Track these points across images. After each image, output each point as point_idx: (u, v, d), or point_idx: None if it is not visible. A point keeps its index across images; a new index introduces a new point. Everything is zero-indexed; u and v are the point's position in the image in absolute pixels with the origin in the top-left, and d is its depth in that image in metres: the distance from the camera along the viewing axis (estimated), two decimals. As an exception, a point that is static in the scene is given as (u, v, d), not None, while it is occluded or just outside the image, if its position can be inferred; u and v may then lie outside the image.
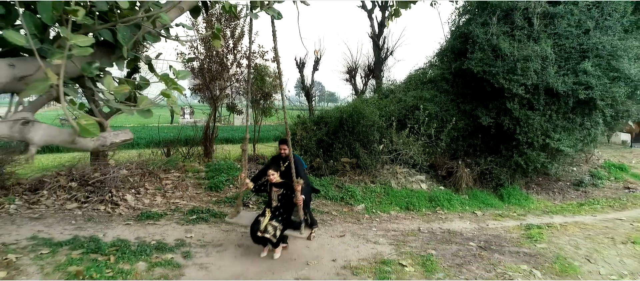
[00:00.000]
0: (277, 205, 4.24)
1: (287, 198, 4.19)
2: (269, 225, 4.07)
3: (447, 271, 4.22)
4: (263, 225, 4.07)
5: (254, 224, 4.15)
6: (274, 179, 4.16)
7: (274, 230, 4.05)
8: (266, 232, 4.03)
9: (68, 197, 5.98)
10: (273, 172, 4.16)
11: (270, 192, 4.29)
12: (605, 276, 4.58)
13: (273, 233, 4.03)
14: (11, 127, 2.32)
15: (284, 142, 4.39)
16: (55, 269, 3.62)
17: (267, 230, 4.04)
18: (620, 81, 7.28)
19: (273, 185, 4.24)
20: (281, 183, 4.20)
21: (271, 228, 4.05)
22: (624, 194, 8.63)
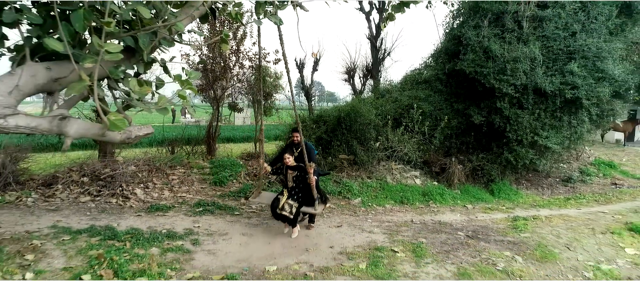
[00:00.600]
0: (293, 186, 4.80)
1: (301, 179, 4.74)
2: (286, 203, 4.66)
3: (435, 256, 4.58)
4: (281, 203, 4.67)
5: (274, 202, 4.75)
6: (289, 162, 4.74)
7: (290, 208, 4.63)
8: (283, 210, 4.62)
9: (81, 191, 6.34)
10: (288, 156, 4.75)
11: (286, 174, 4.84)
12: (583, 262, 4.94)
13: (289, 210, 4.62)
14: (51, 122, 2.73)
15: (295, 130, 5.02)
16: (77, 253, 3.99)
17: (284, 208, 4.63)
18: (604, 81, 7.63)
19: (288, 168, 4.80)
20: (295, 166, 4.76)
21: (288, 206, 4.64)
22: (611, 189, 9.00)
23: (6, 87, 2.60)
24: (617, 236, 5.73)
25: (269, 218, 5.75)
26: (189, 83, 3.07)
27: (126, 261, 3.82)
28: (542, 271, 4.61)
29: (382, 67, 13.64)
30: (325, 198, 4.92)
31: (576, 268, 4.81)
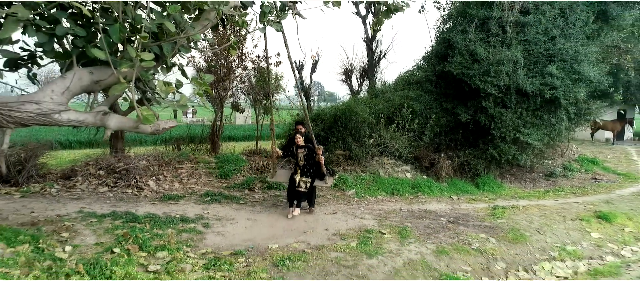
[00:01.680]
0: (304, 164, 5.67)
1: (311, 157, 5.62)
2: (301, 181, 5.56)
3: (418, 237, 5.19)
4: (297, 181, 5.56)
5: (291, 183, 5.64)
6: (299, 142, 5.64)
7: (305, 184, 5.57)
8: (300, 187, 5.52)
9: (99, 182, 6.94)
10: (299, 136, 5.65)
11: (297, 154, 5.68)
12: (550, 244, 5.56)
13: (304, 186, 5.57)
14: (95, 116, 3.36)
15: (300, 122, 6.15)
16: (105, 232, 4.59)
17: (300, 185, 5.54)
18: (580, 82, 8.25)
19: (298, 147, 5.67)
20: (304, 145, 5.65)
21: (303, 183, 5.56)
22: (590, 184, 9.61)
23: (59, 89, 3.23)
24: (585, 223, 6.35)
25: (271, 205, 6.37)
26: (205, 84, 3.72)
27: (148, 238, 4.43)
28: (512, 250, 5.23)
29: (377, 68, 14.25)
30: (333, 171, 5.96)
31: (544, 248, 5.43)
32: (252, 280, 3.83)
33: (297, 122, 6.26)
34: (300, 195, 5.74)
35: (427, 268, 4.45)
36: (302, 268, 4.15)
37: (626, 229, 6.30)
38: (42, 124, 3.28)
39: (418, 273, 4.34)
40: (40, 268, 3.53)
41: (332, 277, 4.04)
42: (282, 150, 6.04)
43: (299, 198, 5.76)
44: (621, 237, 6.02)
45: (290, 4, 4.97)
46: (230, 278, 3.84)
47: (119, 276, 3.52)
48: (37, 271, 3.48)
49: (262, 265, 4.15)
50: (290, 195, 5.81)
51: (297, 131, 5.98)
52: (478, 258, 4.86)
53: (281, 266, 4.13)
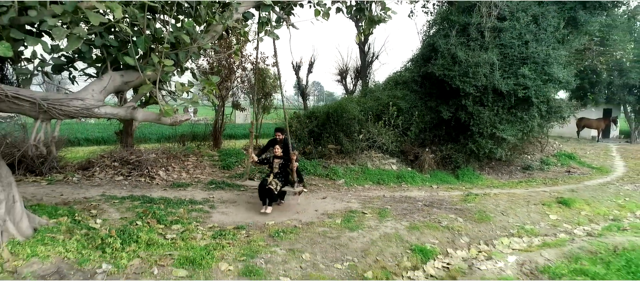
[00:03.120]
0: (277, 171, 6.08)
1: (284, 167, 6.05)
2: (273, 182, 5.92)
3: (395, 217, 6.01)
4: (269, 181, 5.93)
5: (263, 182, 6.00)
6: (277, 152, 6.10)
7: (276, 184, 5.91)
8: (271, 185, 5.87)
9: (115, 172, 7.75)
10: (278, 147, 6.10)
11: (273, 162, 6.14)
12: (512, 224, 6.39)
13: (275, 186, 5.88)
14: (126, 110, 4.19)
15: (280, 130, 6.35)
16: (127, 210, 5.40)
17: (271, 184, 5.88)
18: (550, 83, 9.06)
19: (275, 157, 6.12)
20: (281, 156, 6.08)
21: (274, 183, 5.90)
22: (563, 176, 10.43)
23: (98, 88, 4.06)
24: (547, 207, 7.17)
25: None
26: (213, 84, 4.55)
27: (164, 214, 5.24)
28: (477, 228, 6.05)
29: (370, 69, 15.06)
30: (302, 180, 6.24)
31: (505, 227, 6.26)
32: (251, 246, 4.64)
33: (276, 129, 6.53)
34: (272, 194, 5.86)
35: (400, 240, 5.27)
36: (293, 238, 4.97)
37: (582, 212, 7.13)
38: (85, 116, 4.11)
39: (391, 243, 5.16)
40: (79, 234, 4.36)
41: (318, 245, 4.86)
42: (258, 156, 6.31)
43: (270, 196, 5.89)
44: (577, 219, 6.85)
45: (284, 17, 5.80)
46: (234, 245, 4.65)
47: (144, 241, 4.34)
48: (77, 236, 4.30)
49: (260, 236, 4.97)
50: (262, 194, 5.93)
51: (276, 138, 6.36)
52: (445, 233, 5.68)
53: (276, 237, 4.95)
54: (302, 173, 6.56)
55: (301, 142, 9.50)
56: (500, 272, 4.49)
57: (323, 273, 4.31)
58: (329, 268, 4.45)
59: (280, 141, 6.29)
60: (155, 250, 4.25)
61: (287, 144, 5.91)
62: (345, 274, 4.40)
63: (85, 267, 3.75)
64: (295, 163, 5.85)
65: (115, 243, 4.17)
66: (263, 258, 4.38)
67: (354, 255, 4.76)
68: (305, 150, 9.48)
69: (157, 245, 4.35)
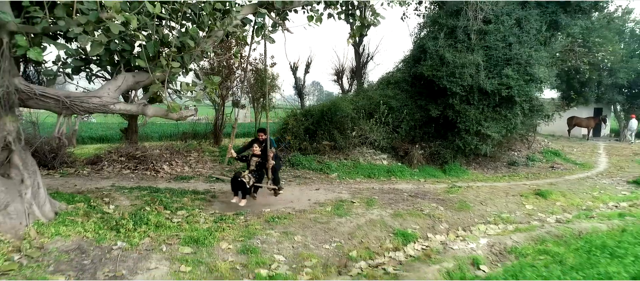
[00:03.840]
0: (253, 169, 6.22)
1: (261, 165, 6.21)
2: (247, 175, 6.04)
3: (381, 205, 6.54)
4: (243, 174, 6.04)
5: (236, 174, 6.14)
6: (256, 151, 6.22)
7: (249, 178, 6.01)
8: (244, 178, 5.97)
9: (122, 166, 8.28)
10: (257, 146, 6.25)
11: (250, 159, 6.27)
12: (489, 212, 6.92)
13: (248, 180, 5.98)
14: (137, 107, 4.74)
15: (262, 130, 6.46)
16: (136, 198, 5.94)
17: (245, 177, 5.99)
18: (532, 83, 9.60)
19: (253, 155, 6.25)
20: (260, 154, 6.22)
21: (247, 177, 6.01)
22: (546, 171, 10.96)
23: (113, 87, 4.60)
24: (524, 198, 7.71)
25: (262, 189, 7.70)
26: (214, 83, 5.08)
27: (170, 202, 5.78)
28: (456, 216, 6.59)
29: (365, 69, 15.59)
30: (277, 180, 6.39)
31: (483, 215, 6.80)
32: (249, 229, 5.17)
33: (259, 129, 6.66)
34: (244, 187, 6.00)
35: (384, 225, 5.81)
36: (287, 223, 5.50)
37: (557, 203, 7.67)
38: (102, 112, 4.65)
39: (376, 228, 5.70)
40: (95, 217, 4.90)
41: (309, 229, 5.40)
42: (237, 152, 6.38)
43: (243, 189, 6.05)
44: (551, 209, 7.39)
45: (280, 22, 6.33)
46: (233, 228, 5.19)
47: (153, 223, 4.88)
48: (93, 219, 4.85)
49: (257, 221, 5.50)
50: (234, 186, 6.09)
51: (258, 138, 6.41)
52: (427, 220, 6.22)
53: (271, 222, 5.48)
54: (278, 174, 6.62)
55: (297, 139, 10.03)
56: (471, 251, 5.03)
57: (313, 252, 4.84)
58: (318, 248, 4.99)
59: (262, 141, 6.35)
60: (163, 231, 4.79)
61: (267, 145, 6.07)
62: (333, 253, 4.94)
63: (102, 244, 4.29)
64: (271, 162, 6.02)
65: (128, 225, 4.71)
66: (259, 239, 4.92)
67: (341, 237, 5.30)
68: (301, 146, 10.01)
69: (165, 227, 4.89)
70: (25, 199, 4.41)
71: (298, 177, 8.60)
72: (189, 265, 4.13)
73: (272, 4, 6.03)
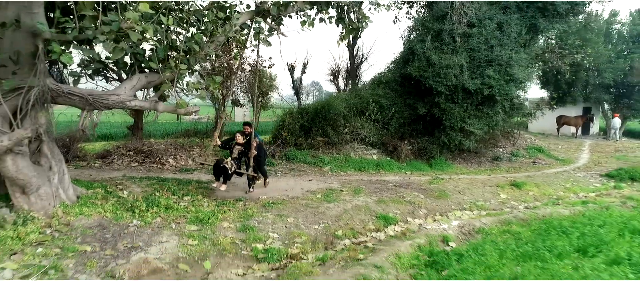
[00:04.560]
0: (235, 157, 6.78)
1: (243, 154, 6.80)
2: (229, 162, 6.60)
3: (367, 193, 7.23)
4: (225, 161, 6.62)
5: (218, 161, 6.73)
6: (239, 140, 6.77)
7: (231, 165, 6.58)
8: (226, 164, 6.52)
9: (131, 159, 8.96)
10: (240, 135, 6.79)
11: (233, 148, 6.83)
12: (466, 201, 7.61)
13: (230, 166, 6.53)
14: (150, 103, 5.44)
15: (248, 124, 7.02)
16: (146, 186, 6.62)
17: (227, 163, 6.55)
18: (512, 82, 10.29)
19: (237, 144, 6.80)
20: (243, 143, 6.78)
21: (229, 164, 6.58)
22: (527, 166, 11.65)
23: (129, 86, 5.28)
24: (500, 189, 8.41)
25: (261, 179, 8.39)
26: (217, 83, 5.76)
27: (177, 189, 6.47)
28: (435, 203, 7.28)
29: (359, 70, 16.27)
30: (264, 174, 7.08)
31: (460, 203, 7.49)
32: (247, 212, 5.86)
33: (245, 123, 7.13)
34: (226, 173, 6.50)
35: (368, 210, 6.50)
36: (281, 207, 6.19)
37: (530, 193, 8.36)
38: (119, 108, 5.33)
39: (361, 212, 6.38)
40: (112, 200, 5.59)
41: (301, 212, 6.08)
42: (222, 142, 7.02)
43: (225, 174, 6.54)
44: (524, 198, 8.08)
45: (275, 27, 7.01)
46: (233, 211, 5.88)
47: (163, 205, 5.56)
48: (111, 201, 5.53)
49: (255, 206, 6.18)
50: (216, 171, 6.63)
51: (243, 130, 6.87)
52: (407, 206, 6.91)
53: (267, 207, 6.16)
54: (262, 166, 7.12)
55: (293, 135, 10.71)
56: (443, 231, 5.72)
57: (303, 231, 5.53)
58: (308, 228, 5.67)
59: (247, 134, 6.83)
60: (172, 212, 5.48)
61: (251, 137, 6.63)
62: (321, 232, 5.63)
63: (120, 222, 4.97)
64: (253, 151, 6.55)
65: (142, 206, 5.40)
66: (256, 220, 5.61)
67: (329, 219, 5.99)
68: (296, 142, 10.69)
69: (173, 209, 5.58)
70: (53, 183, 5.10)
71: (293, 169, 9.29)
72: (195, 240, 4.81)
73: (268, 11, 6.70)
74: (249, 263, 4.70)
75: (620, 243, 4.84)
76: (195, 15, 5.70)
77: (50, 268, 3.91)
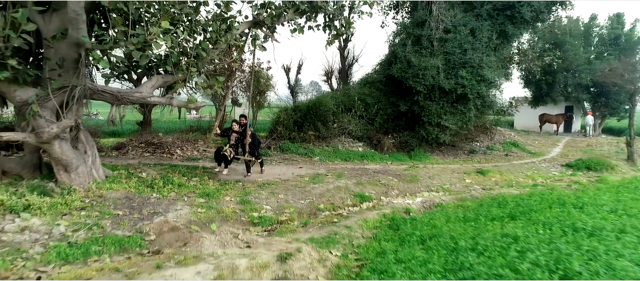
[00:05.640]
0: (233, 144, 8.05)
1: (239, 141, 8.06)
2: (228, 149, 7.91)
3: (347, 177, 8.44)
4: (225, 148, 7.92)
5: (219, 149, 8.08)
6: (235, 128, 8.00)
7: (229, 152, 7.91)
8: (225, 152, 7.87)
9: (143, 150, 10.16)
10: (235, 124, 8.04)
11: (230, 136, 8.07)
12: (434, 184, 8.82)
13: (229, 153, 7.88)
14: (166, 99, 6.71)
15: (243, 116, 8.23)
16: (160, 170, 7.82)
17: (226, 151, 7.87)
18: (482, 82, 11.50)
19: (233, 131, 8.04)
20: (239, 131, 8.04)
21: (228, 151, 7.90)
22: (499, 158, 12.86)
23: (150, 85, 6.50)
24: (466, 175, 9.62)
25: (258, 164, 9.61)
26: (220, 82, 6.97)
27: (186, 172, 7.67)
28: (407, 186, 8.49)
29: (351, 70, 17.49)
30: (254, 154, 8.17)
31: (429, 186, 8.70)
32: (245, 190, 7.06)
33: (241, 115, 8.24)
34: (226, 159, 7.84)
35: (347, 190, 7.71)
36: (274, 187, 7.39)
37: (493, 179, 9.58)
38: (142, 102, 6.52)
39: (341, 191, 7.59)
40: (135, 179, 6.79)
41: (290, 191, 7.29)
42: (222, 130, 8.20)
43: (225, 160, 7.92)
44: (486, 183, 9.29)
45: (270, 34, 8.21)
46: (234, 189, 7.08)
47: (176, 183, 6.77)
48: (134, 180, 6.73)
49: (252, 186, 7.39)
50: (217, 157, 8.05)
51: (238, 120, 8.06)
52: (382, 188, 8.12)
53: (262, 186, 7.37)
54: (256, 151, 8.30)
55: (287, 130, 11.92)
56: (407, 205, 6.92)
57: (291, 205, 6.74)
58: (296, 202, 6.88)
59: (242, 124, 8.07)
60: (183, 189, 6.68)
61: (246, 127, 7.93)
62: (306, 206, 6.83)
63: (142, 195, 6.18)
64: (248, 139, 7.89)
65: (159, 184, 6.61)
66: (253, 196, 6.81)
67: (314, 196, 7.20)
68: (290, 136, 11.90)
69: (185, 186, 6.79)
70: (87, 164, 6.30)
71: (286, 159, 10.50)
72: (203, 209, 6.02)
73: (263, 21, 7.90)
74: (247, 227, 5.91)
75: (544, 211, 6.05)
76: (201, 26, 6.91)
77: (93, 225, 5.11)
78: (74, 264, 4.27)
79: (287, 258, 4.10)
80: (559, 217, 5.58)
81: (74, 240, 4.71)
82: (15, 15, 4.68)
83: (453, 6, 12.10)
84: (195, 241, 4.75)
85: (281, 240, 4.90)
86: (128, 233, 5.10)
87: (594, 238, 4.49)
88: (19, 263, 4.15)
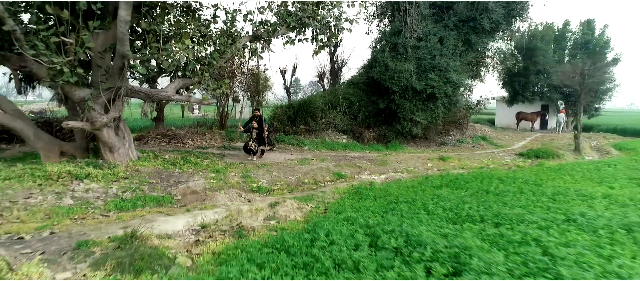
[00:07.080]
0: (254, 137, 10.25)
1: (259, 133, 10.26)
2: (252, 143, 10.12)
3: (329, 161, 10.39)
4: (250, 143, 10.12)
5: (245, 144, 10.23)
6: (255, 125, 10.23)
7: (253, 145, 10.08)
8: (251, 146, 10.06)
9: (159, 140, 12.10)
10: (255, 122, 10.24)
11: (252, 130, 10.29)
12: (400, 167, 10.77)
13: (253, 146, 10.05)
14: (186, 97, 8.74)
15: (257, 109, 10.50)
16: (175, 156, 9.76)
17: (251, 145, 10.06)
18: (448, 83, 13.46)
19: (253, 128, 10.27)
20: (257, 127, 10.27)
21: (252, 145, 10.09)
22: (465, 149, 14.81)
23: (173, 86, 8.54)
24: (429, 161, 11.57)
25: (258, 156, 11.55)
26: (226, 83, 8.97)
27: (198, 155, 9.62)
28: (377, 168, 10.44)
29: (340, 72, 19.44)
30: (272, 143, 10.49)
31: (395, 168, 10.66)
32: (246, 169, 9.00)
33: (255, 108, 10.73)
34: (252, 151, 10.12)
35: (328, 170, 9.65)
36: (269, 167, 9.34)
37: (451, 164, 11.53)
38: (168, 100, 8.45)
39: (322, 171, 9.54)
40: (160, 160, 8.73)
41: (282, 170, 9.23)
42: (243, 126, 10.45)
43: (251, 152, 10.11)
44: (445, 167, 11.23)
45: (266, 46, 10.15)
46: (237, 168, 9.03)
47: (192, 162, 8.72)
48: (159, 160, 8.68)
49: (252, 166, 9.33)
50: (246, 151, 10.14)
51: (255, 115, 10.36)
52: (356, 169, 10.07)
53: (260, 167, 9.32)
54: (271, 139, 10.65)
55: (281, 124, 13.88)
56: (372, 180, 8.87)
57: (282, 179, 8.68)
58: (286, 177, 8.83)
59: (258, 118, 10.26)
60: (198, 167, 8.63)
61: (262, 120, 10.11)
62: (294, 180, 8.78)
63: (168, 170, 8.12)
64: (265, 132, 10.10)
65: (180, 162, 8.55)
66: (252, 173, 8.76)
67: (301, 174, 9.14)
68: (284, 130, 13.85)
69: (199, 165, 8.74)
70: (125, 147, 8.24)
71: (280, 148, 12.44)
72: (215, 180, 7.96)
73: (261, 36, 9.83)
74: (247, 193, 7.85)
75: (473, 182, 8.01)
76: (212, 40, 8.85)
77: (136, 189, 7.05)
78: (127, 212, 6.20)
79: (276, 205, 6.06)
80: (480, 186, 7.55)
81: (124, 197, 6.66)
82: (84, 37, 6.61)
83: (425, 18, 14.05)
84: (210, 198, 6.71)
85: (273, 197, 6.86)
86: (161, 195, 7.04)
87: (497, 197, 6.39)
88: (89, 210, 6.09)
